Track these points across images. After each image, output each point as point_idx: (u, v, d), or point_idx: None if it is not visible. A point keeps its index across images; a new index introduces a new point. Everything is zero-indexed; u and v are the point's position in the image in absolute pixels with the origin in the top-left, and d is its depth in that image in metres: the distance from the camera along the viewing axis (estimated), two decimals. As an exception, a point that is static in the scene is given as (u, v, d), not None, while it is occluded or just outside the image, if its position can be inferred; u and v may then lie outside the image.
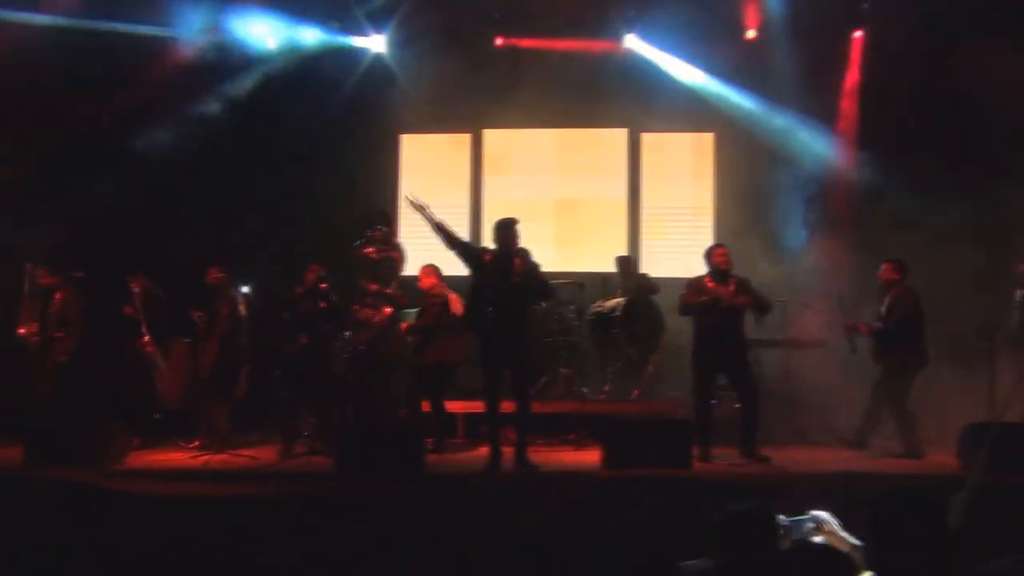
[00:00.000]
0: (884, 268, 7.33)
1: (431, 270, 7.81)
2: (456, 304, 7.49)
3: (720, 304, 6.78)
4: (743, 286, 6.91)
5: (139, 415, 7.45)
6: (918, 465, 6.62)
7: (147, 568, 5.45)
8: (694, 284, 6.94)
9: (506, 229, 6.53)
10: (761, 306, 7.01)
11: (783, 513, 2.90)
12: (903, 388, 7.07)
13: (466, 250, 6.63)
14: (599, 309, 8.84)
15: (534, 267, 6.54)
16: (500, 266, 6.42)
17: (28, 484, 5.98)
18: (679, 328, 8.49)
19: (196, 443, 7.36)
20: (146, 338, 7.63)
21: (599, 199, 10.44)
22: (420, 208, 6.46)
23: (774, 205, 9.39)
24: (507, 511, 5.69)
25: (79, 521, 5.80)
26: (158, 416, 7.84)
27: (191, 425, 7.68)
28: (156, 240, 8.93)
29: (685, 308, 6.97)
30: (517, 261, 6.45)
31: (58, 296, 7.57)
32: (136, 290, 7.61)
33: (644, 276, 9.08)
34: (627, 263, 9.21)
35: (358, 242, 8.32)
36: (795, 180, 9.36)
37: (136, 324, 7.62)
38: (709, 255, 7.01)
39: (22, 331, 7.50)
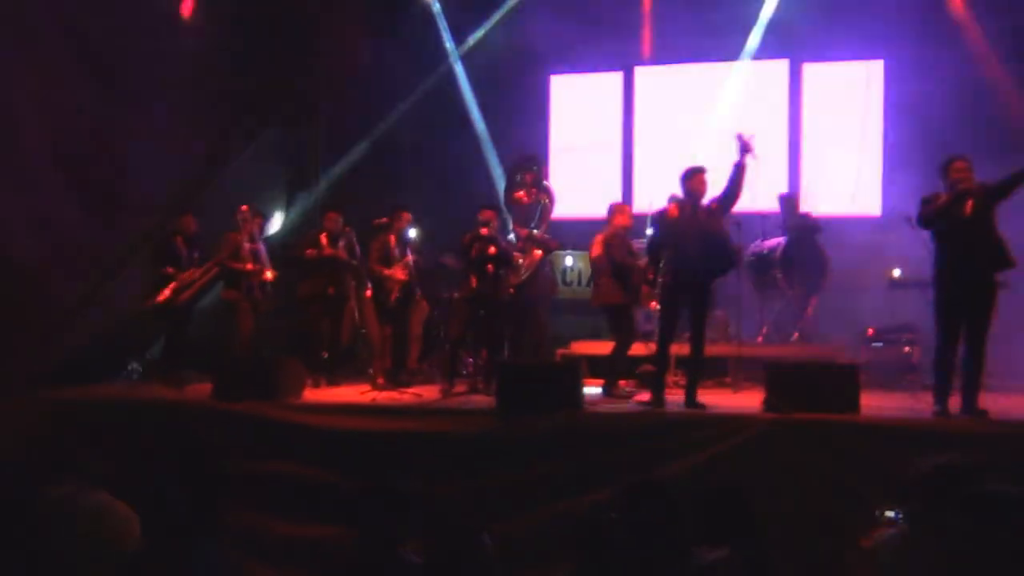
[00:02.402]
0: None
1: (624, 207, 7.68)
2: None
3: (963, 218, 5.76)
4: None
5: (311, 353, 7.81)
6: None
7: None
8: (929, 199, 6.01)
9: (692, 178, 6.41)
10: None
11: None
12: None
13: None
14: (758, 249, 8.56)
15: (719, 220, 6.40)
16: (687, 214, 6.33)
17: (216, 416, 6.44)
18: (845, 270, 8.16)
19: (367, 380, 7.68)
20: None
21: (757, 135, 10.01)
22: (747, 149, 6.33)
23: (951, 137, 8.70)
24: (669, 450, 5.69)
25: (259, 450, 6.24)
26: (326, 355, 8.23)
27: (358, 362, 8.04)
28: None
29: (924, 220, 5.99)
30: (704, 208, 6.33)
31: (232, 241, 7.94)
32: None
33: (806, 215, 8.70)
34: (789, 201, 8.85)
35: (509, 186, 8.40)
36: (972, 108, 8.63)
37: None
38: (946, 169, 5.95)
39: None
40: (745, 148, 6.31)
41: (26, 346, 7.29)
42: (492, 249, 7.16)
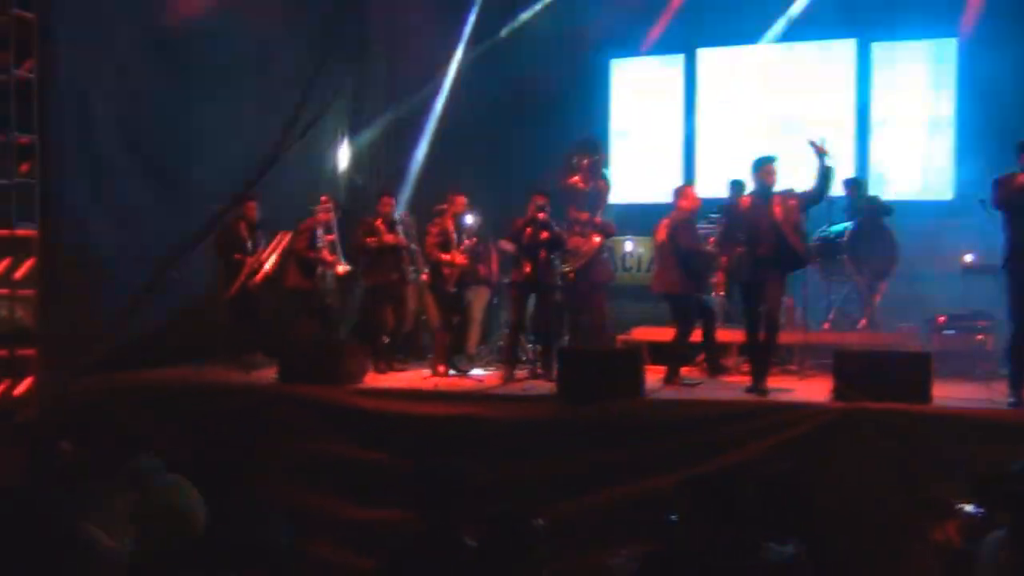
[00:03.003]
0: None
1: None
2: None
3: None
4: None
5: (374, 339, 7.90)
6: None
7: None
8: (1003, 180, 5.85)
9: (762, 168, 6.37)
10: None
11: None
12: None
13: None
14: (824, 233, 8.37)
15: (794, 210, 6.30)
16: (759, 207, 6.28)
17: (281, 399, 6.57)
18: (915, 255, 7.94)
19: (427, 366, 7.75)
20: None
21: (823, 117, 9.77)
22: (822, 151, 6.27)
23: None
24: (732, 439, 5.63)
25: (323, 434, 6.35)
26: (387, 340, 8.32)
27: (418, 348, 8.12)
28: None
29: (997, 203, 5.89)
30: (777, 201, 6.25)
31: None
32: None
33: (874, 198, 8.47)
34: (855, 185, 8.62)
35: (566, 171, 8.36)
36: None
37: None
38: (1021, 150, 5.81)
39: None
40: (820, 152, 6.25)
41: (101, 329, 7.52)
42: (545, 234, 7.13)
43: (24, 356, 7.38)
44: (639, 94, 10.45)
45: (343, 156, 10.25)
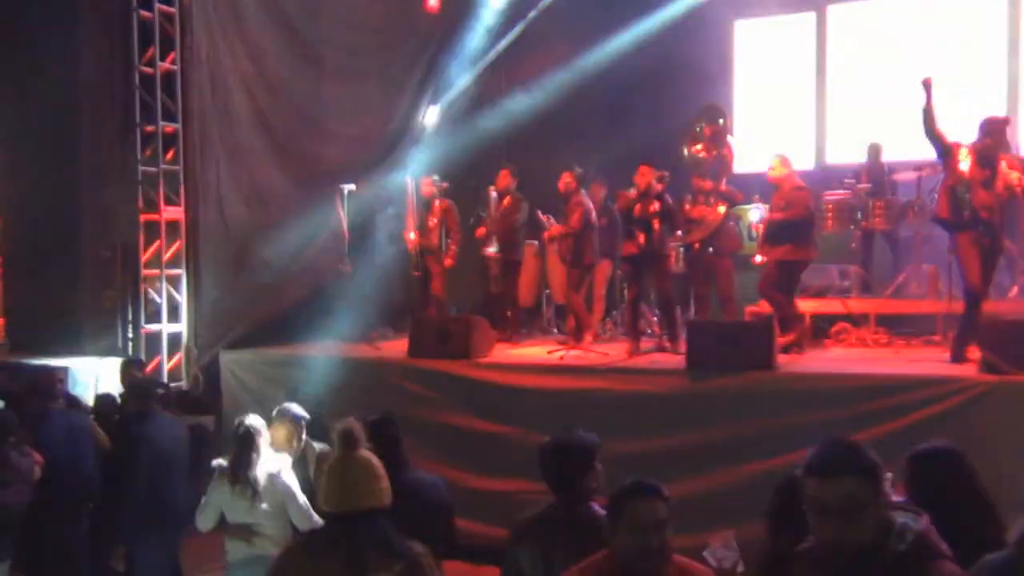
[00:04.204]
0: None
1: (786, 160, 7.33)
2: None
3: None
4: None
5: (501, 312, 8.01)
6: None
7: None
8: None
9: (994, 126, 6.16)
10: None
11: None
12: None
13: None
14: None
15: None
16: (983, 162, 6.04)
17: (412, 373, 6.76)
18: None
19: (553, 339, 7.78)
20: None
21: (971, 77, 9.14)
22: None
23: None
24: (869, 415, 5.41)
25: (452, 406, 6.50)
26: (509, 313, 8.41)
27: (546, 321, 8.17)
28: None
29: None
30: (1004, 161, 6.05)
31: (437, 205, 8.22)
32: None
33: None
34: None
35: (688, 139, 8.17)
36: None
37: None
38: None
39: (410, 236, 8.26)
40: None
41: (246, 307, 7.94)
42: (654, 206, 7.01)
43: (174, 332, 7.89)
44: (766, 56, 10.07)
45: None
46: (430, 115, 9.97)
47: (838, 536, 2.05)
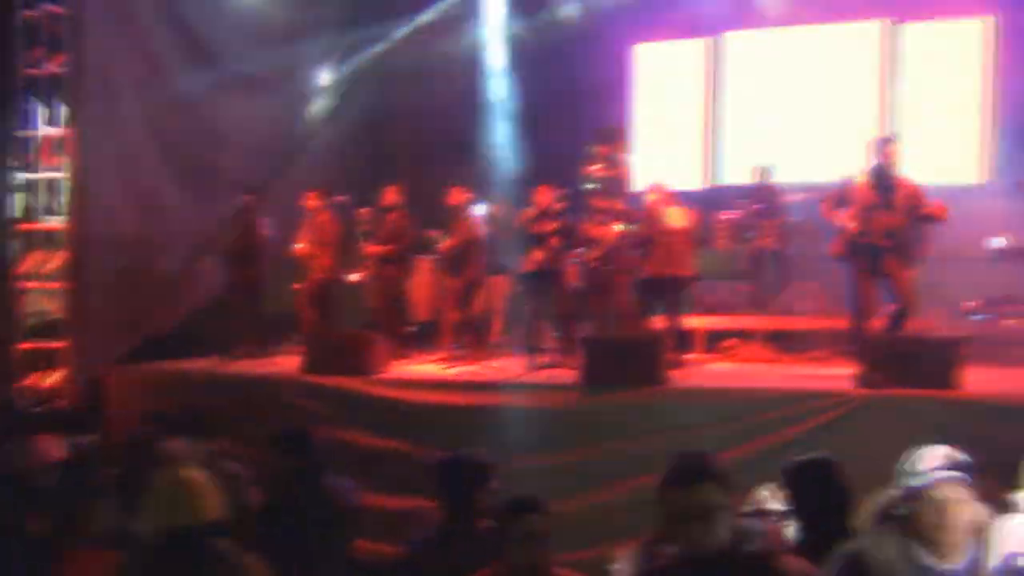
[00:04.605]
0: None
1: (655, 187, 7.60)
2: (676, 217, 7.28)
3: None
4: None
5: (395, 328, 7.96)
6: None
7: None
8: None
9: (883, 147, 6.34)
10: None
11: None
12: None
13: None
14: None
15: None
16: (878, 185, 6.24)
17: (305, 388, 6.63)
18: (944, 240, 7.79)
19: (447, 355, 7.77)
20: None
21: (850, 101, 9.64)
22: None
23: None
24: (756, 427, 5.59)
25: (346, 424, 6.41)
26: (413, 329, 8.41)
27: (439, 338, 8.16)
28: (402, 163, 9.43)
29: None
30: (900, 182, 6.21)
31: (317, 217, 8.11)
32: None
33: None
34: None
35: (588, 159, 8.33)
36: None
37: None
38: None
39: (297, 249, 8.13)
40: None
41: (133, 320, 7.65)
42: (552, 224, 7.14)
43: (55, 348, 7.53)
44: (663, 80, 10.36)
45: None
46: (332, 126, 9.87)
47: (697, 541, 2.20)
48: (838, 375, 6.34)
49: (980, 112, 9.14)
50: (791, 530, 3.29)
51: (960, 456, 2.59)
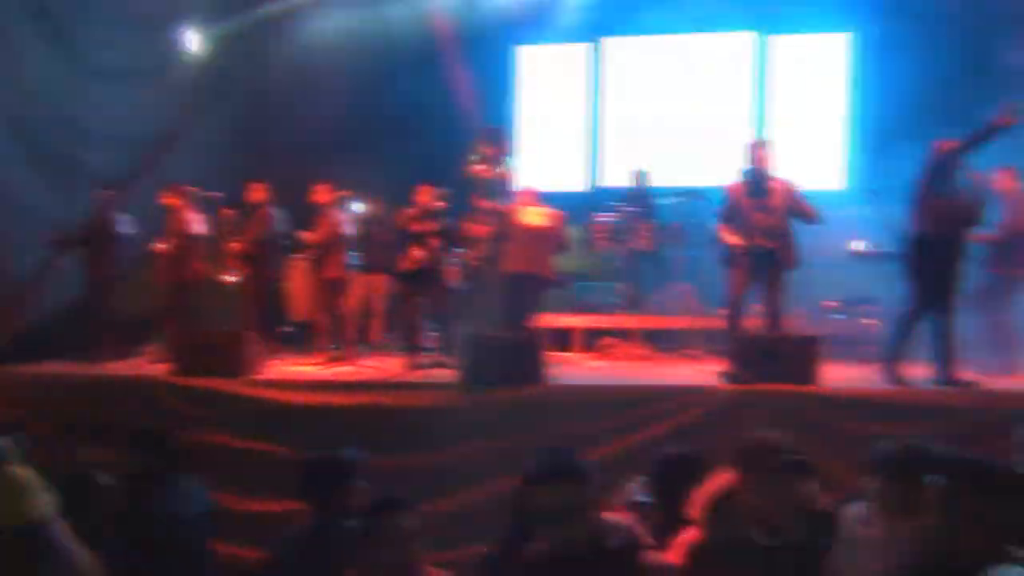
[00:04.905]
0: (1000, 177, 6.84)
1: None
2: (535, 217, 7.41)
3: None
4: None
5: (271, 328, 7.78)
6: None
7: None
8: None
9: (757, 150, 6.54)
10: None
11: None
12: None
13: None
14: (721, 223, 8.59)
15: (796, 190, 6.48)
16: (753, 188, 6.45)
17: (174, 390, 6.38)
18: (808, 243, 8.19)
19: (323, 355, 7.64)
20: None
21: (723, 109, 10.02)
22: None
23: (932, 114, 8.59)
24: (631, 423, 5.73)
25: (218, 426, 6.21)
26: (289, 329, 8.23)
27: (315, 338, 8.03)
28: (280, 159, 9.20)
29: None
30: (774, 183, 6.43)
31: (179, 215, 7.82)
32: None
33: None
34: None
35: (471, 159, 8.36)
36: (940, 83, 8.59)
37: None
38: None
39: (157, 246, 7.82)
40: None
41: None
42: (433, 224, 7.14)
43: None
44: (546, 82, 10.49)
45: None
46: (205, 120, 9.54)
47: (560, 537, 2.22)
48: (709, 372, 6.60)
49: (841, 122, 9.67)
50: (658, 521, 3.38)
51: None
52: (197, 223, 7.81)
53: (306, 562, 3.10)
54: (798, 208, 6.47)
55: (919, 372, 6.08)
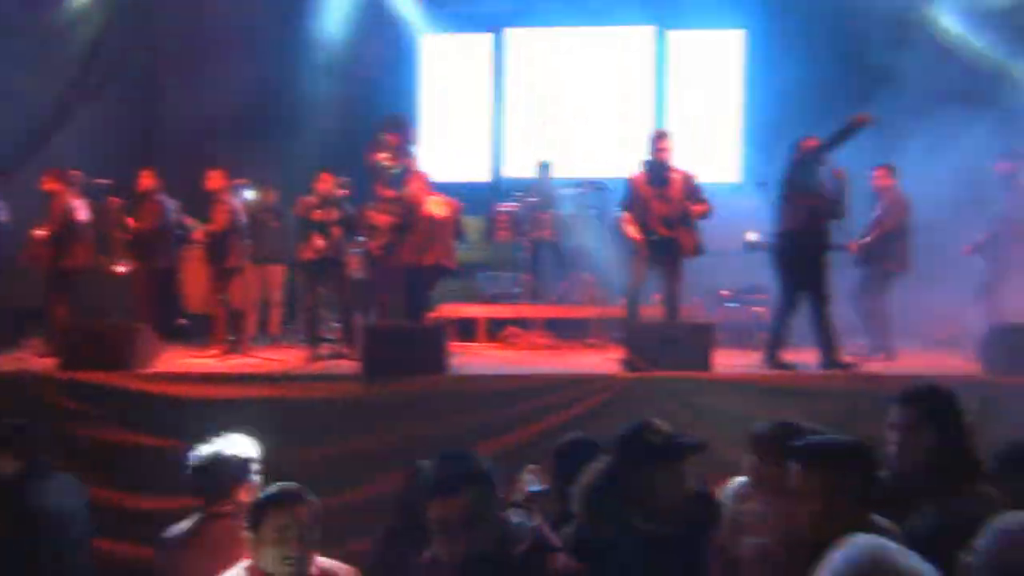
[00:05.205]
0: (877, 174, 7.22)
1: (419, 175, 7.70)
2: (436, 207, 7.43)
3: None
4: None
5: (166, 320, 7.54)
6: (942, 366, 6.59)
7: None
8: None
9: (657, 141, 6.71)
10: None
11: None
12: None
13: None
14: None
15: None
16: (653, 178, 6.63)
17: (60, 385, 6.10)
18: (705, 234, 8.42)
19: (219, 348, 7.46)
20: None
21: (624, 102, 10.20)
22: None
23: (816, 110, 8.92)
24: (533, 412, 5.79)
25: (108, 422, 5.98)
26: (184, 321, 7.99)
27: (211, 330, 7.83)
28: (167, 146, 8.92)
29: None
30: (674, 174, 6.61)
31: (61, 201, 7.48)
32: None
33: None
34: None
35: (373, 148, 8.26)
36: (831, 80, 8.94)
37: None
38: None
39: (38, 233, 7.46)
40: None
41: None
42: (335, 212, 7.05)
43: None
44: (449, 71, 10.46)
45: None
46: (94, 104, 9.14)
47: (463, 549, 2.12)
48: (609, 360, 6.73)
49: (736, 117, 9.97)
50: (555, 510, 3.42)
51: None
52: (81, 210, 7.49)
53: (193, 558, 3.03)
54: (695, 199, 6.66)
55: (808, 357, 6.37)
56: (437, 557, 2.22)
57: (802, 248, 6.26)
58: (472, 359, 7.18)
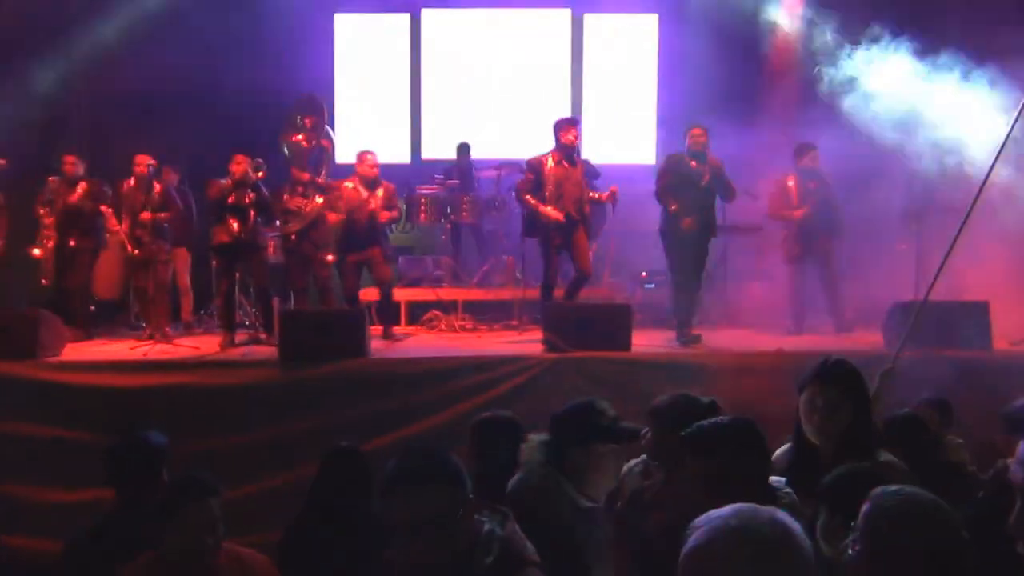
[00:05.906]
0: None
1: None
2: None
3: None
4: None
5: (75, 307, 7.27)
6: (845, 341, 6.84)
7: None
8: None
9: (567, 127, 6.93)
10: None
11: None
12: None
13: None
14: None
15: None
16: (562, 163, 6.89)
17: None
18: (623, 216, 8.54)
19: (132, 335, 7.25)
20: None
21: (541, 84, 10.22)
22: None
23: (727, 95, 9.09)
24: (454, 394, 5.80)
25: (13, 413, 5.75)
26: (93, 308, 7.73)
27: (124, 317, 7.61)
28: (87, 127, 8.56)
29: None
30: (579, 160, 6.97)
31: None
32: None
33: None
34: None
35: (288, 130, 8.10)
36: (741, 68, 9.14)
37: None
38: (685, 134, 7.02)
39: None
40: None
41: None
42: (250, 195, 6.92)
43: None
44: (366, 51, 10.30)
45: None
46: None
47: (427, 552, 1.95)
48: (529, 341, 6.78)
49: (651, 100, 10.12)
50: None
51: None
52: None
53: (105, 552, 2.95)
54: (591, 185, 7.09)
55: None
56: (400, 559, 2.01)
57: (682, 234, 6.66)
58: (392, 343, 7.14)
